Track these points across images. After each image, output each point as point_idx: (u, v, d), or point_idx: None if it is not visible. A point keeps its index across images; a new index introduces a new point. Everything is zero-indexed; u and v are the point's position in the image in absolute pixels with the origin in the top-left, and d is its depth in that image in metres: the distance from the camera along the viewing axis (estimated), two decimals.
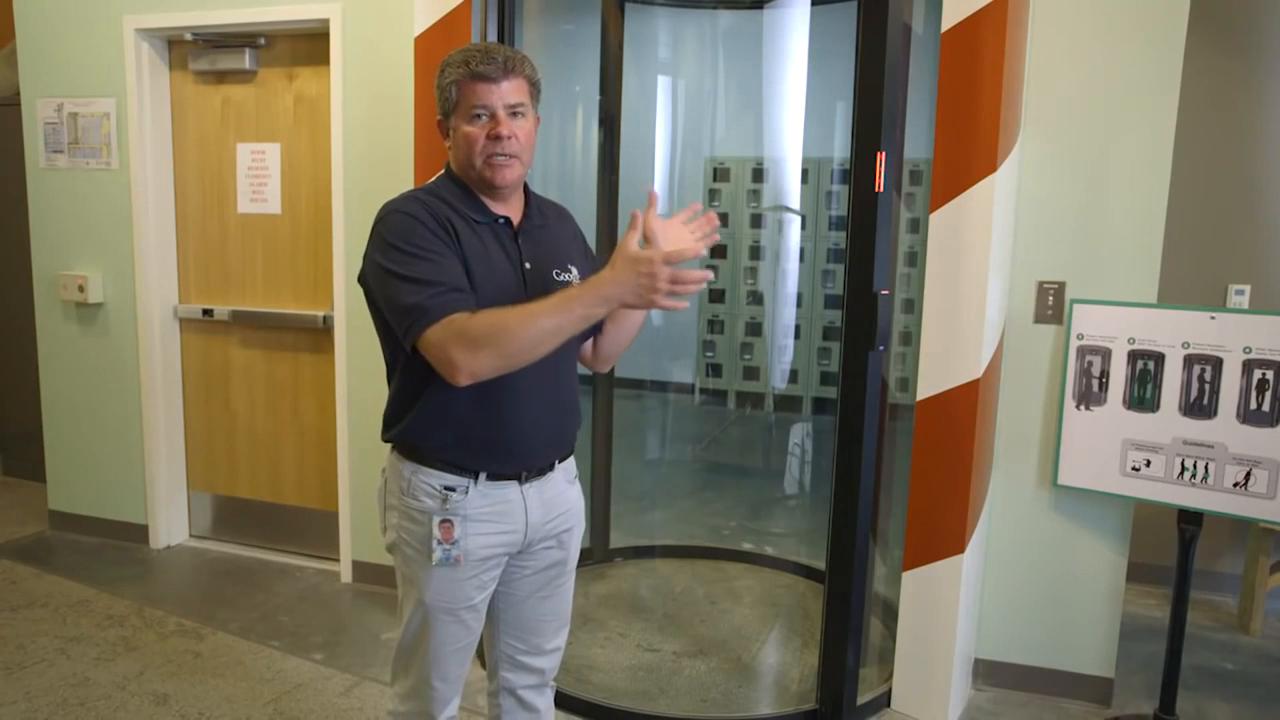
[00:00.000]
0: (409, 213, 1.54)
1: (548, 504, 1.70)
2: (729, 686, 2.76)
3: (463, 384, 1.45)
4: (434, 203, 1.58)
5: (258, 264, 3.63)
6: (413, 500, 1.63)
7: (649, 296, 1.38)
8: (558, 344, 1.44)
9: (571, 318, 1.41)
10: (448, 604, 1.65)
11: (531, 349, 1.43)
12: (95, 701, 2.62)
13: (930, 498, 2.55)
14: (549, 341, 1.43)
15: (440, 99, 1.61)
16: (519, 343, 1.41)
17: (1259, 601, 3.22)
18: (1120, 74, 2.51)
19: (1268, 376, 2.28)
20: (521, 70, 1.59)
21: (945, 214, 2.47)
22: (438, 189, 1.63)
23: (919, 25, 2.59)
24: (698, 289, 1.41)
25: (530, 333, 1.41)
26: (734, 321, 4.66)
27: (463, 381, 1.44)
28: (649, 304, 1.39)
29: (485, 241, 1.59)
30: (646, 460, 4.54)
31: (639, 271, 1.37)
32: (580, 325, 1.43)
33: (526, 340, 1.41)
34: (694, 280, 1.39)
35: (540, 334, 1.41)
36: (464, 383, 1.44)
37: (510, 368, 1.45)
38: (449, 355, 1.43)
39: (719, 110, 4.38)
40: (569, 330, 1.43)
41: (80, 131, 3.65)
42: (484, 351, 1.42)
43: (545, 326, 1.41)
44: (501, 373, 1.46)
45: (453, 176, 1.64)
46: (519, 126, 1.58)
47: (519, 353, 1.42)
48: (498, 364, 1.43)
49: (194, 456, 3.84)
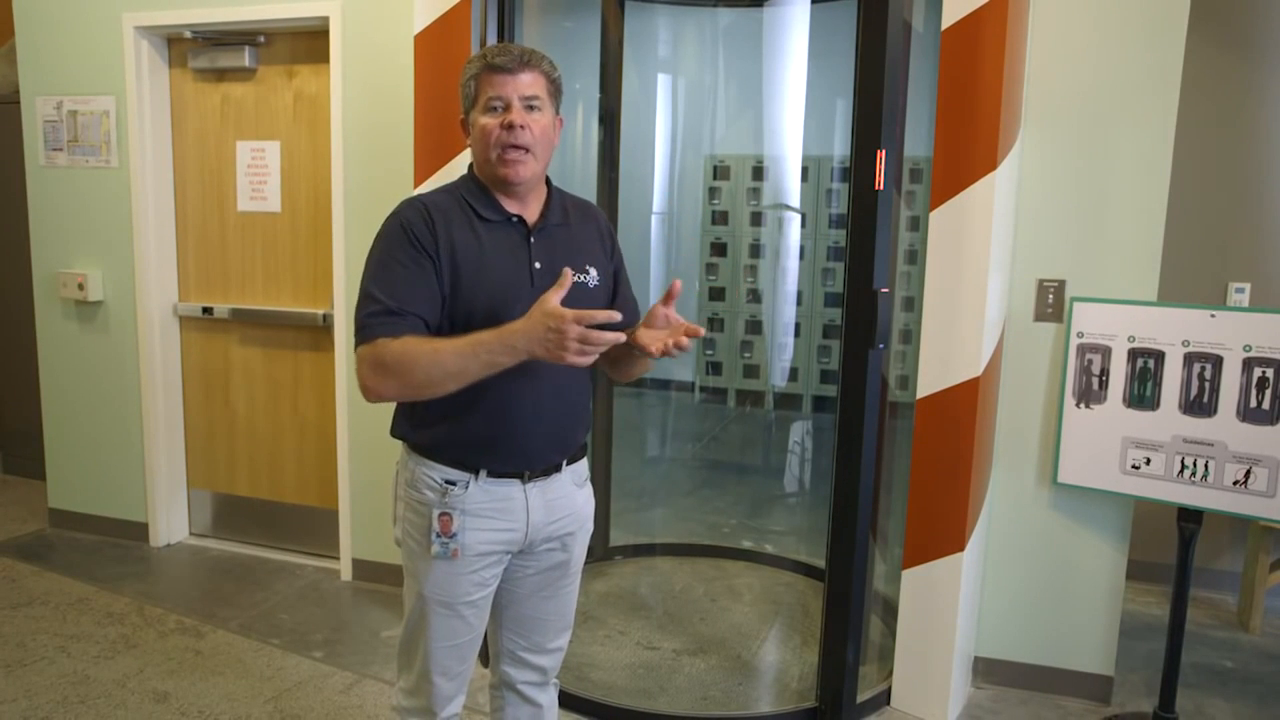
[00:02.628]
0: (402, 218, 1.59)
1: (551, 505, 1.70)
2: (729, 684, 2.76)
3: (371, 401, 1.55)
4: (442, 203, 1.61)
5: (257, 262, 3.63)
6: (416, 493, 1.66)
7: (556, 352, 1.41)
8: (462, 385, 1.49)
9: (476, 363, 1.47)
10: (445, 598, 1.66)
11: (434, 385, 1.49)
12: (95, 699, 2.62)
13: (930, 496, 2.55)
14: (451, 381, 1.49)
15: (462, 96, 1.65)
16: (420, 377, 1.48)
17: (1258, 599, 3.23)
18: (1121, 72, 2.51)
19: (1268, 374, 2.28)
20: (539, 65, 1.61)
21: (945, 212, 2.47)
22: (456, 187, 1.66)
23: (919, 23, 2.59)
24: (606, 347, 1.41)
25: (433, 371, 1.48)
26: (734, 319, 4.65)
27: (370, 400, 1.54)
28: (557, 359, 1.42)
29: (490, 241, 1.61)
30: (647, 458, 4.54)
31: (548, 327, 1.40)
32: (486, 371, 1.47)
33: (429, 376, 1.48)
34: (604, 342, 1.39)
35: (443, 373, 1.48)
36: (372, 400, 1.54)
37: (418, 397, 1.53)
38: (361, 375, 1.53)
39: (719, 108, 4.38)
40: (474, 374, 1.47)
41: (80, 129, 3.65)
42: (389, 379, 1.50)
43: (448, 367, 1.47)
44: (411, 400, 1.57)
45: (472, 175, 1.67)
46: (533, 119, 1.59)
47: (421, 385, 1.50)
48: (402, 392, 1.53)
49: (194, 454, 3.84)
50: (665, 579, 3.56)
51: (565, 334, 1.39)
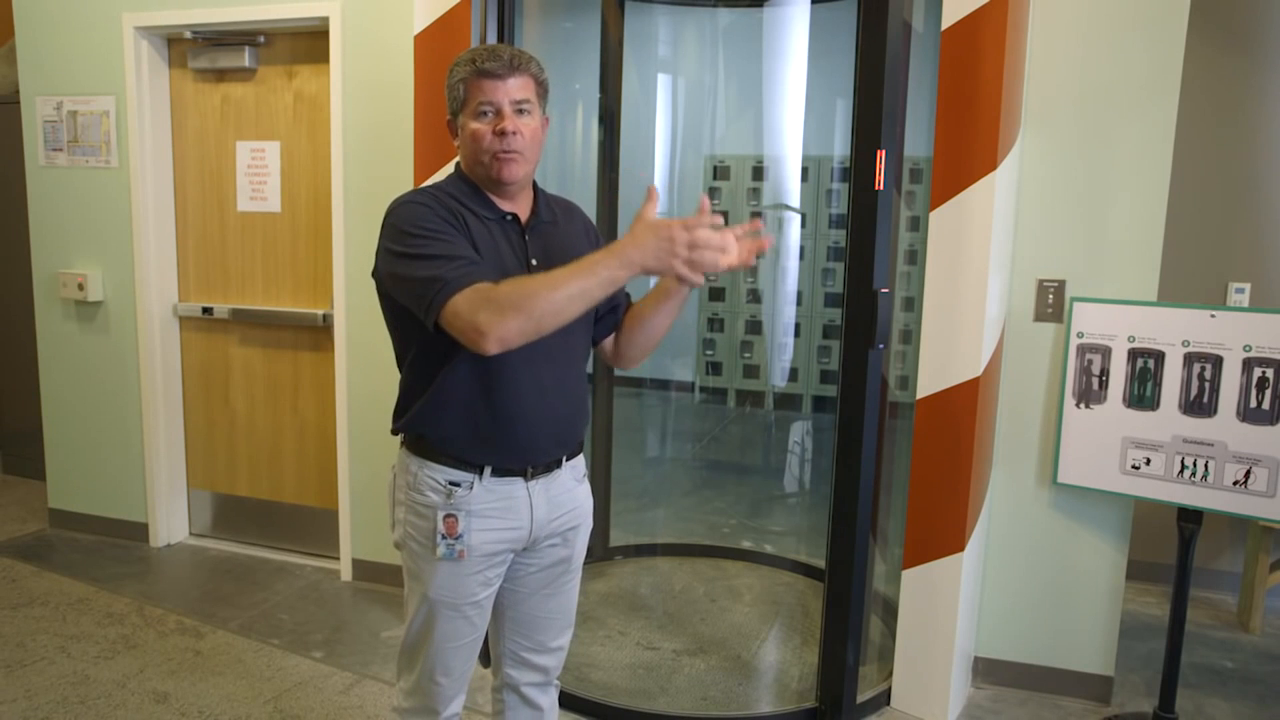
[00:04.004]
0: (419, 202, 1.57)
1: (553, 501, 1.70)
2: (729, 684, 2.76)
3: (492, 351, 1.43)
4: (442, 197, 1.61)
5: (257, 262, 3.63)
6: (418, 495, 1.65)
7: (668, 261, 1.41)
8: (584, 307, 1.44)
9: (595, 280, 1.41)
10: (451, 599, 1.66)
11: (558, 312, 1.42)
12: (95, 699, 2.62)
13: (930, 496, 2.55)
14: (575, 304, 1.42)
15: (449, 98, 1.64)
16: (546, 304, 1.40)
17: (1258, 599, 3.23)
18: (1121, 72, 2.51)
19: (1268, 374, 2.28)
20: (527, 68, 1.61)
21: (945, 212, 2.47)
22: (446, 186, 1.65)
23: (919, 23, 2.59)
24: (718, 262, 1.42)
25: (557, 294, 1.40)
26: (734, 319, 4.66)
27: (491, 348, 1.42)
28: (668, 269, 1.41)
29: (494, 237, 1.61)
30: (646, 458, 4.54)
31: (659, 235, 1.41)
32: (607, 288, 1.43)
33: (553, 302, 1.40)
34: (713, 245, 1.41)
35: (566, 296, 1.41)
36: (493, 350, 1.42)
37: (539, 331, 1.43)
38: (476, 321, 1.41)
39: (719, 108, 4.38)
40: (595, 293, 1.42)
41: (80, 129, 3.65)
42: (511, 314, 1.40)
43: (571, 289, 1.41)
44: (530, 338, 1.44)
45: (462, 175, 1.67)
46: (524, 123, 1.59)
47: (545, 315, 1.41)
48: (526, 327, 1.41)
49: (194, 454, 3.84)
50: (665, 579, 3.56)
51: (675, 240, 1.40)
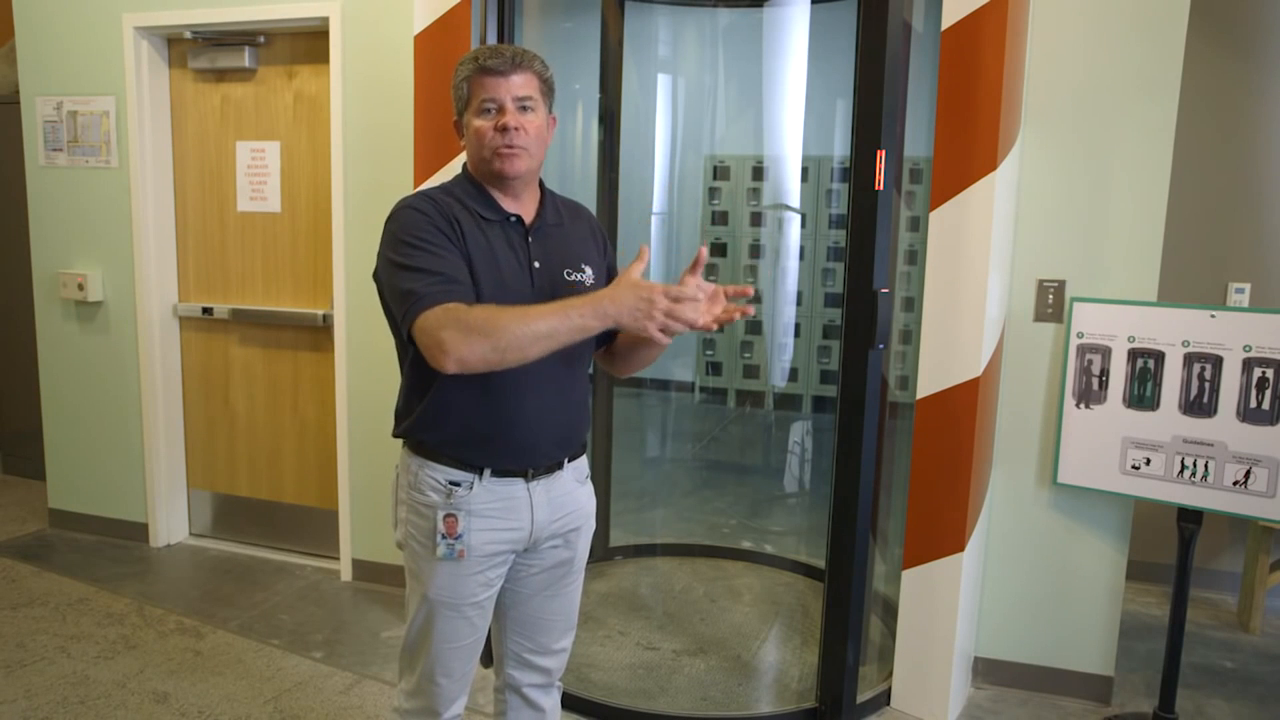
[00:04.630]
0: (417, 208, 1.58)
1: (555, 503, 1.70)
2: (729, 685, 2.76)
3: (449, 370, 1.44)
4: (445, 200, 1.61)
5: (257, 262, 3.63)
6: (419, 495, 1.65)
7: (643, 322, 1.42)
8: (549, 349, 1.45)
9: (567, 324, 1.43)
10: (452, 600, 1.66)
11: (522, 348, 1.43)
12: (95, 699, 2.62)
13: (930, 496, 2.55)
14: (541, 344, 1.44)
15: (455, 98, 1.66)
16: (511, 337, 1.42)
17: (1258, 600, 3.23)
18: (1121, 72, 2.51)
19: (1268, 375, 2.28)
20: (530, 65, 1.61)
21: (945, 212, 2.47)
22: (452, 187, 1.66)
23: (919, 23, 2.59)
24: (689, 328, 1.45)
25: (524, 331, 1.42)
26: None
27: (450, 368, 1.44)
28: (642, 329, 1.43)
29: (493, 239, 1.61)
30: (646, 458, 4.54)
31: (639, 296, 1.42)
32: (575, 335, 1.44)
33: (519, 337, 1.42)
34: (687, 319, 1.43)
35: (534, 335, 1.42)
36: (450, 369, 1.44)
37: (501, 363, 1.44)
38: (440, 338, 1.43)
39: (719, 108, 4.37)
40: (563, 337, 1.44)
41: (80, 130, 3.65)
42: (476, 339, 1.42)
43: (539, 329, 1.42)
44: (490, 368, 1.45)
45: (468, 175, 1.68)
46: (527, 120, 1.60)
47: (510, 348, 1.43)
48: (488, 355, 1.43)
49: (194, 455, 3.84)
50: (665, 579, 3.56)
51: (654, 304, 1.42)
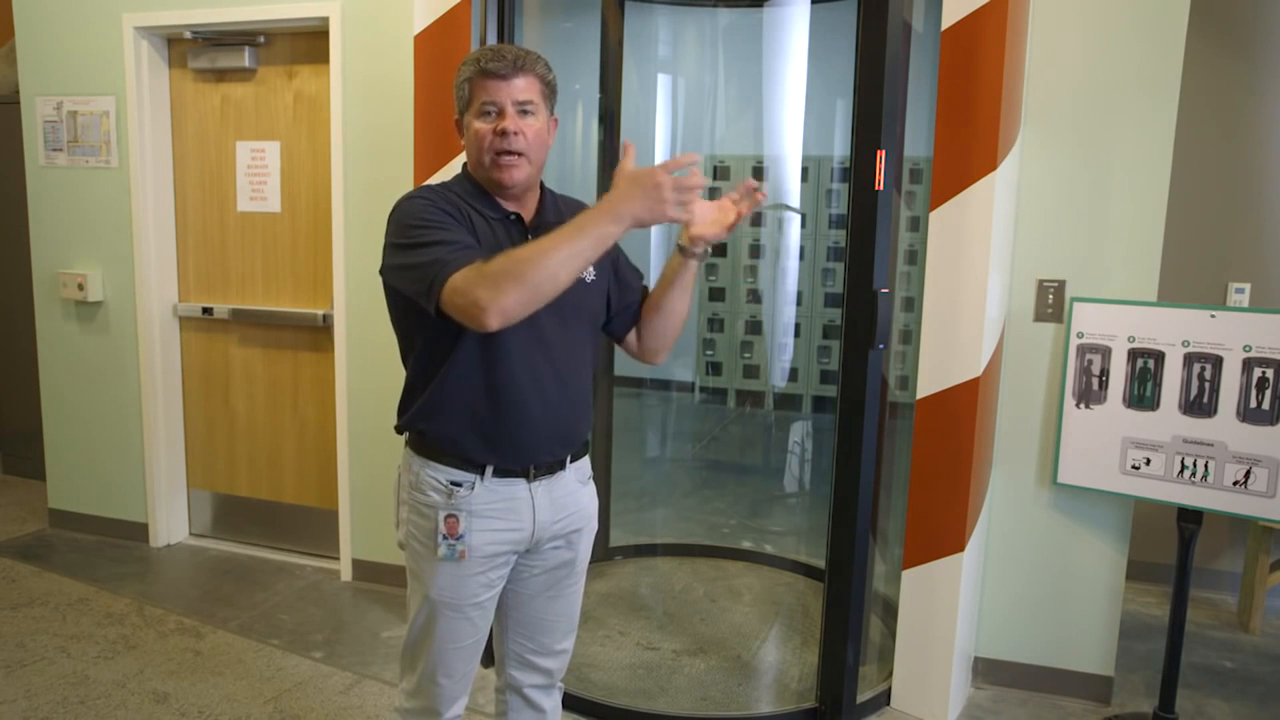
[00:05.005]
0: (420, 197, 1.59)
1: (557, 503, 1.70)
2: (729, 685, 2.76)
3: (493, 326, 1.41)
4: (446, 194, 1.62)
5: (257, 262, 3.63)
6: (421, 495, 1.65)
7: (659, 208, 1.42)
8: (580, 268, 1.44)
9: (587, 239, 1.42)
10: (453, 600, 1.66)
11: (553, 276, 1.41)
12: (95, 699, 2.62)
13: (930, 496, 2.55)
14: (570, 266, 1.42)
15: (456, 98, 1.66)
16: (540, 271, 1.40)
17: (1258, 600, 3.23)
18: (1121, 72, 2.51)
19: (1268, 375, 2.28)
20: (533, 68, 1.61)
21: (945, 212, 2.47)
22: (452, 185, 1.67)
23: (919, 23, 2.59)
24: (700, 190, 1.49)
25: (550, 260, 1.40)
26: (734, 320, 4.65)
27: (493, 323, 1.41)
28: (659, 215, 1.43)
29: (490, 236, 1.61)
30: (646, 458, 4.54)
31: (644, 184, 1.42)
32: (598, 246, 1.43)
33: (547, 268, 1.40)
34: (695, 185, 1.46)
35: (559, 260, 1.40)
36: (494, 324, 1.41)
37: (537, 300, 1.42)
38: (475, 296, 1.41)
39: (719, 108, 4.38)
40: (588, 253, 1.42)
41: (80, 129, 3.65)
42: (507, 285, 1.39)
43: (563, 253, 1.41)
44: (531, 307, 1.43)
45: (467, 175, 1.68)
46: (527, 124, 1.60)
47: (542, 282, 1.40)
48: (523, 296, 1.40)
49: (194, 455, 3.84)
50: (665, 579, 3.56)
51: (662, 185, 1.42)
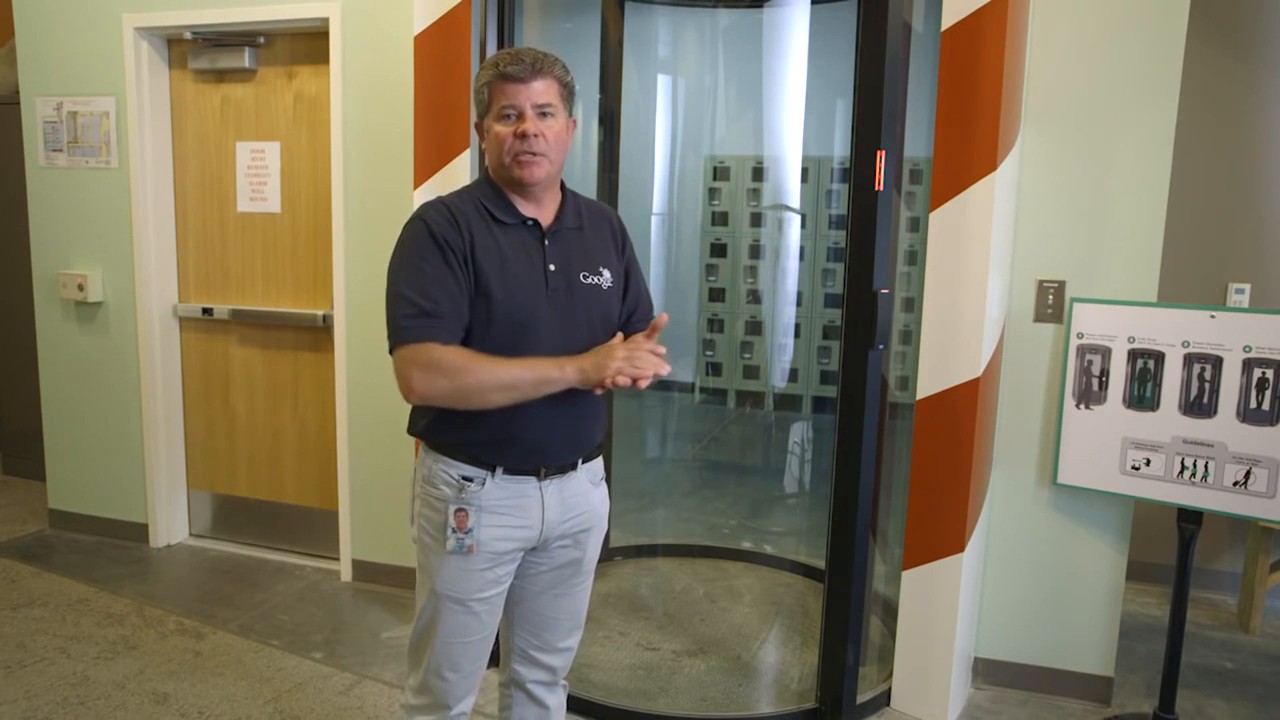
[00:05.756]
0: (426, 220, 1.61)
1: (567, 503, 1.71)
2: (729, 685, 2.76)
3: (412, 402, 1.58)
4: (461, 206, 1.64)
5: (257, 263, 3.63)
6: (432, 489, 1.67)
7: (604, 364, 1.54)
8: (514, 400, 1.55)
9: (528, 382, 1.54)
10: (458, 594, 1.67)
11: (485, 398, 1.54)
12: (95, 700, 2.62)
13: (930, 496, 2.55)
14: (505, 396, 1.54)
15: (476, 102, 1.68)
16: (476, 390, 1.53)
17: (1258, 600, 3.23)
18: (1121, 73, 2.51)
19: (1268, 375, 2.28)
20: (551, 71, 1.63)
21: (945, 213, 2.47)
22: (472, 190, 1.69)
23: (919, 23, 2.59)
24: (649, 378, 1.56)
25: (489, 383, 1.53)
26: (734, 320, 4.65)
27: (412, 400, 1.57)
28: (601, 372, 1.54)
29: (507, 242, 1.63)
30: (646, 459, 4.54)
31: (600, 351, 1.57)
32: (537, 389, 1.55)
33: (484, 389, 1.53)
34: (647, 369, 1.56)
35: (497, 385, 1.54)
36: (414, 401, 1.57)
37: (462, 404, 1.56)
38: (407, 375, 1.54)
39: (719, 109, 4.38)
40: (527, 391, 1.54)
41: (80, 130, 3.65)
42: (440, 380, 1.53)
43: (504, 380, 1.53)
44: (454, 406, 1.56)
45: (488, 179, 1.70)
46: (546, 126, 1.61)
47: (472, 397, 1.54)
48: (450, 395, 1.54)
49: (194, 455, 3.84)
50: (665, 580, 3.56)
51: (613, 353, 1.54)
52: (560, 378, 1.54)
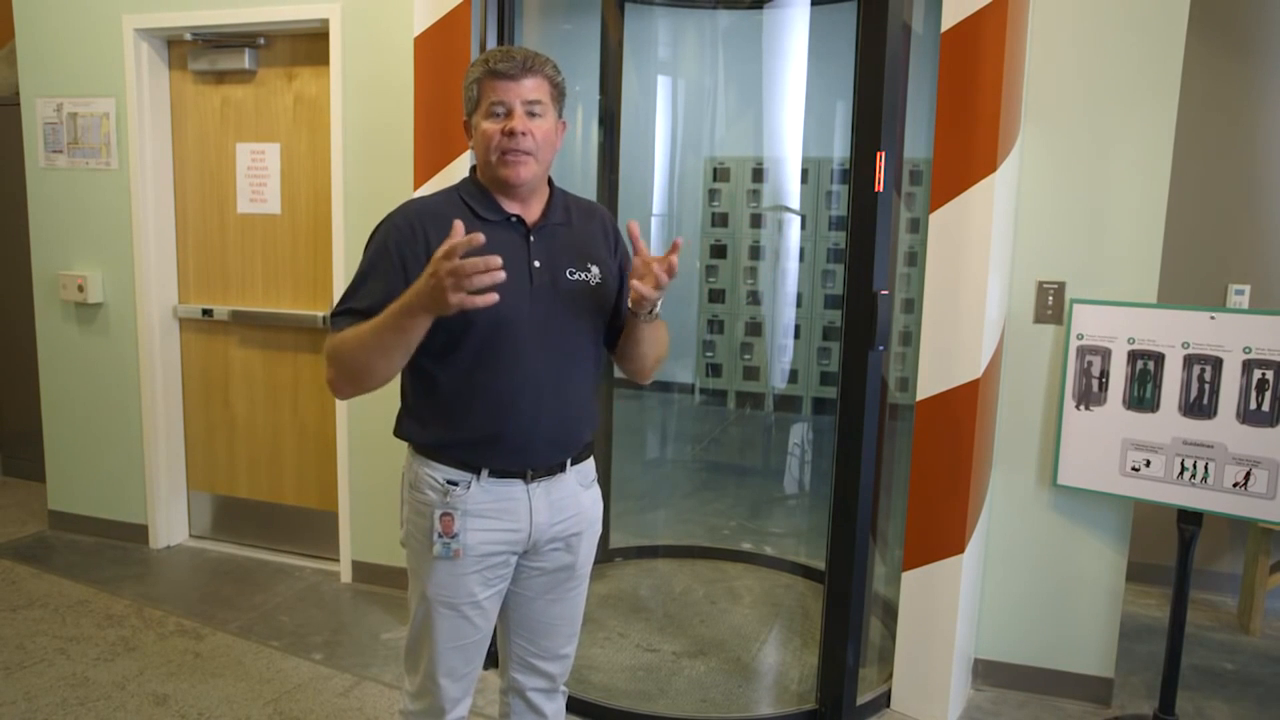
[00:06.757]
0: (391, 224, 1.61)
1: (556, 505, 1.69)
2: (729, 686, 2.76)
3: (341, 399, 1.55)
4: (436, 206, 1.62)
5: (257, 264, 3.63)
6: (419, 493, 1.66)
7: (440, 297, 1.36)
8: (393, 359, 1.48)
9: (387, 335, 1.45)
10: (448, 598, 1.66)
11: (363, 366, 1.49)
12: (95, 701, 2.62)
13: (930, 498, 2.55)
14: (377, 357, 1.47)
15: (465, 99, 1.66)
16: (349, 359, 1.50)
17: (1258, 601, 3.22)
18: (1121, 73, 2.51)
19: (1267, 376, 2.28)
20: (541, 70, 1.61)
21: (945, 214, 2.47)
22: (457, 187, 1.68)
23: (919, 25, 2.59)
24: (485, 278, 1.34)
25: (358, 355, 1.49)
26: (734, 321, 4.65)
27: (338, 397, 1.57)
28: (443, 305, 1.36)
29: (489, 241, 1.60)
30: (646, 460, 4.54)
31: (428, 275, 1.37)
32: (401, 337, 1.44)
33: (354, 357, 1.49)
34: (478, 268, 1.32)
35: (366, 352, 1.48)
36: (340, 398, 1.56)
37: (360, 385, 1.52)
38: (327, 370, 1.56)
39: (719, 110, 4.38)
40: (396, 344, 1.45)
41: (80, 131, 3.65)
42: (332, 368, 1.53)
43: (367, 344, 1.47)
44: (359, 389, 1.53)
45: (474, 178, 1.68)
46: (535, 125, 1.59)
47: (356, 370, 1.50)
48: (346, 381, 1.53)
49: (193, 456, 3.84)
50: (665, 581, 3.56)
51: (437, 275, 1.35)
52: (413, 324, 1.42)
